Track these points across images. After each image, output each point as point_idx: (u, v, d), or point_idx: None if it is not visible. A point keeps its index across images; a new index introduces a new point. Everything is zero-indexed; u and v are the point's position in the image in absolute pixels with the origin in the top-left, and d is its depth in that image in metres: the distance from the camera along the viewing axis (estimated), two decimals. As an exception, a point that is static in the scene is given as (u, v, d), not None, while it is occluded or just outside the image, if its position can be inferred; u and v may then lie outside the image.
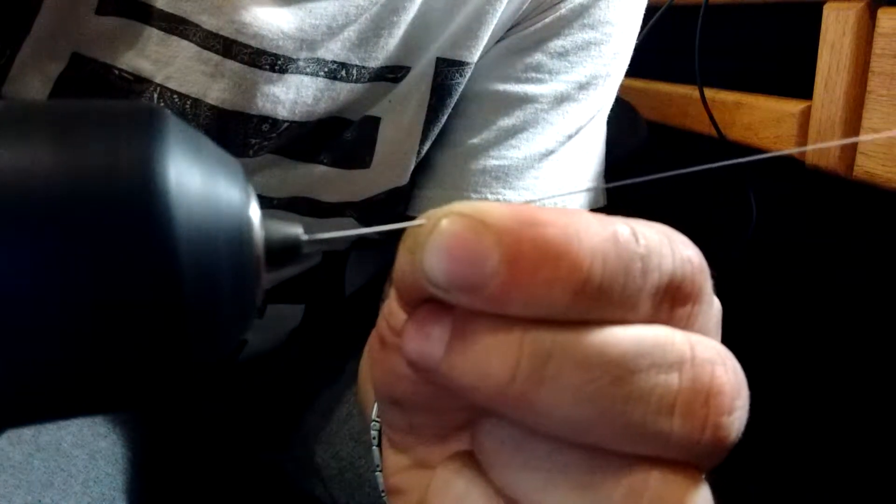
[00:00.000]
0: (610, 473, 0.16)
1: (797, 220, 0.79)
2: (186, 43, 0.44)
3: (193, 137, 0.16)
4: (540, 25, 0.50)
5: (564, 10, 0.50)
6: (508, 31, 0.51)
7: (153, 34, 0.44)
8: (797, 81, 0.61)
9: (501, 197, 0.51)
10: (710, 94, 0.69)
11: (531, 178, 0.51)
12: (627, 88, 0.60)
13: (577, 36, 0.51)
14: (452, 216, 0.16)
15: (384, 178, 0.52)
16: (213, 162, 0.16)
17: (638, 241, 0.16)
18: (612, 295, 0.15)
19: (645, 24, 0.56)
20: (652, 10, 0.62)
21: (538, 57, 0.51)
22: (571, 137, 0.52)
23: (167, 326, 0.15)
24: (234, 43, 0.44)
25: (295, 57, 0.45)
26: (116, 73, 0.44)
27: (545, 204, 0.41)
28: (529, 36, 0.51)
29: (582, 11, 0.51)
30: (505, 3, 0.49)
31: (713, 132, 0.69)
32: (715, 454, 0.16)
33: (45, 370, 0.15)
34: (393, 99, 0.50)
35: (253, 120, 0.46)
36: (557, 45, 0.51)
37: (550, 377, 0.15)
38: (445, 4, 0.48)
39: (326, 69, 0.47)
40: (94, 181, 0.14)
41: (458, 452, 0.19)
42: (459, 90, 0.51)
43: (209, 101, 0.45)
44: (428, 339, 0.17)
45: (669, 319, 0.16)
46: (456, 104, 0.51)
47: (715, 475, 0.17)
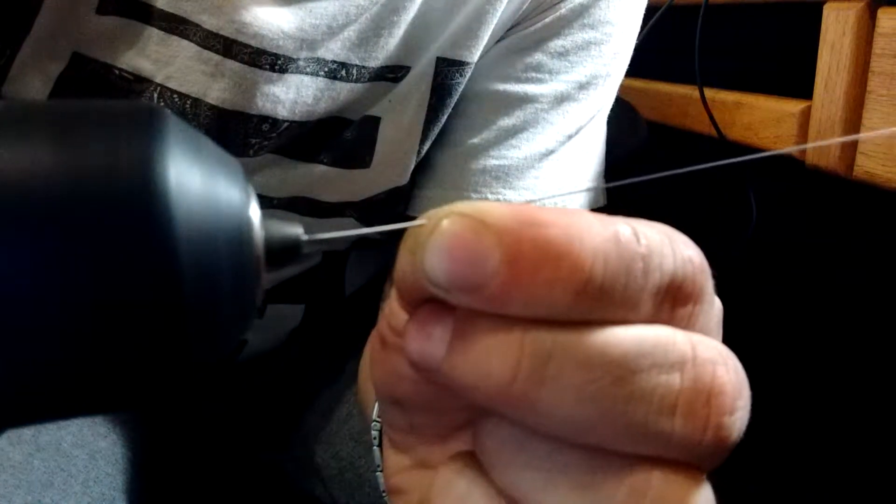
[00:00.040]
0: (612, 473, 0.16)
1: (797, 219, 0.79)
2: (187, 43, 0.44)
3: (193, 137, 0.16)
4: (540, 25, 0.50)
5: (564, 9, 0.50)
6: (508, 30, 0.51)
7: (153, 34, 0.44)
8: (797, 81, 0.61)
9: (502, 197, 0.51)
10: (710, 94, 0.69)
11: (531, 177, 0.51)
12: (627, 88, 0.60)
13: (577, 36, 0.51)
14: (453, 216, 0.16)
15: (384, 177, 0.52)
16: (213, 162, 0.16)
17: (639, 241, 0.16)
18: (613, 295, 0.15)
19: (645, 24, 0.56)
20: (652, 10, 0.62)
21: (538, 57, 0.51)
22: (572, 137, 0.52)
23: (167, 326, 0.15)
24: (234, 43, 0.44)
25: (295, 57, 0.45)
26: (117, 72, 0.44)
27: (546, 204, 0.41)
28: (529, 36, 0.51)
29: (582, 11, 0.51)
30: (505, 2, 0.49)
31: (713, 132, 0.69)
32: (717, 454, 0.16)
33: (45, 370, 0.15)
34: (393, 99, 0.50)
35: (253, 120, 0.46)
36: (557, 44, 0.51)
37: (552, 377, 0.15)
38: (445, 4, 0.48)
39: (326, 69, 0.47)
40: (94, 181, 0.14)
41: (459, 453, 0.19)
42: (459, 90, 0.51)
43: (209, 100, 0.45)
44: (429, 339, 0.17)
45: (671, 319, 0.16)
46: (456, 104, 0.51)
47: (715, 475, 0.17)
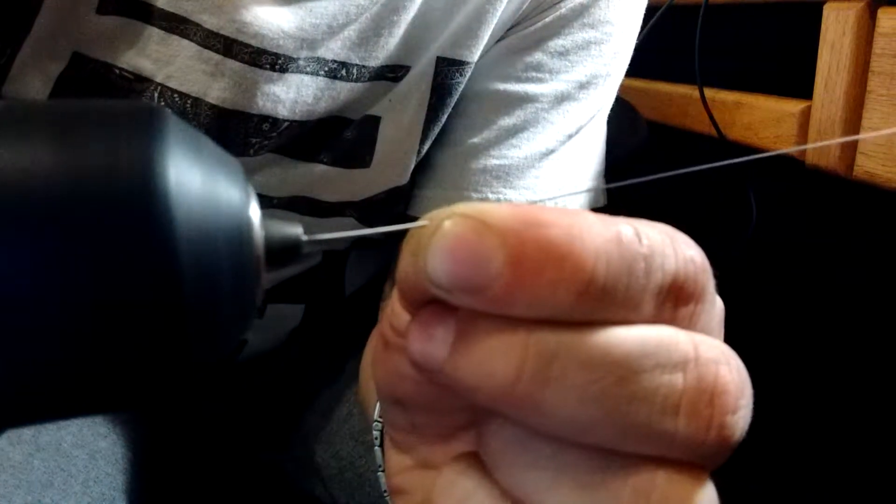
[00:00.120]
0: (616, 473, 0.16)
1: (797, 220, 0.79)
2: (187, 42, 0.44)
3: (193, 137, 0.16)
4: (540, 25, 0.50)
5: (564, 9, 0.50)
6: (509, 30, 0.51)
7: (154, 33, 0.44)
8: (797, 81, 0.61)
9: (502, 196, 0.51)
10: (710, 94, 0.69)
11: (532, 177, 0.51)
12: (627, 88, 0.60)
13: (577, 35, 0.51)
14: (455, 217, 0.16)
15: (384, 177, 0.52)
16: (213, 162, 0.16)
17: (641, 241, 0.16)
18: (615, 295, 0.15)
19: (645, 24, 0.56)
20: (652, 10, 0.62)
21: (538, 56, 0.51)
22: (572, 137, 0.52)
23: (167, 326, 0.15)
24: (234, 42, 0.44)
25: (295, 56, 0.45)
26: (117, 72, 0.44)
27: (547, 204, 0.41)
28: (530, 35, 0.51)
29: (582, 11, 0.51)
30: (505, 2, 0.49)
31: (713, 132, 0.69)
32: (720, 453, 0.16)
33: (45, 370, 0.15)
34: (393, 98, 0.50)
35: (253, 119, 0.46)
36: (558, 44, 0.51)
37: (555, 378, 0.15)
38: (446, 4, 0.48)
39: (327, 68, 0.47)
40: (94, 181, 0.14)
41: (463, 453, 0.19)
42: (460, 90, 0.50)
43: (209, 100, 0.45)
44: (432, 340, 0.17)
45: (672, 319, 0.16)
46: (456, 103, 0.51)
47: (716, 474, 0.17)
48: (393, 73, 0.49)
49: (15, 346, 0.14)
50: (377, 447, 0.27)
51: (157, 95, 0.45)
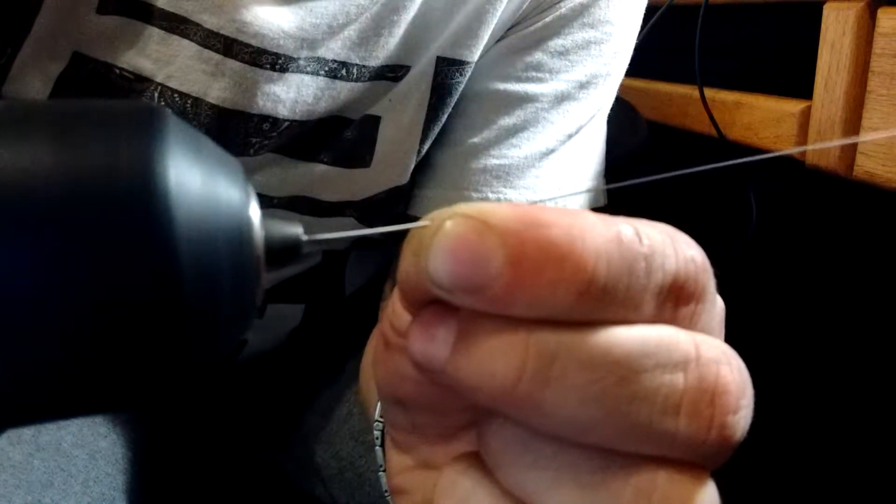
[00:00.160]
0: (617, 473, 0.16)
1: (797, 220, 0.79)
2: (187, 42, 0.44)
3: (193, 137, 0.16)
4: (540, 24, 0.50)
5: (564, 9, 0.50)
6: (509, 30, 0.51)
7: (154, 33, 0.44)
8: (797, 81, 0.61)
9: (502, 196, 0.51)
10: (710, 94, 0.69)
11: (532, 177, 0.51)
12: (627, 88, 0.60)
13: (577, 35, 0.51)
14: (456, 218, 0.16)
15: (384, 177, 0.52)
16: (213, 162, 0.16)
17: (641, 241, 0.16)
18: (616, 295, 0.15)
19: (645, 23, 0.56)
20: (652, 9, 0.62)
21: (538, 56, 0.51)
22: (572, 136, 0.52)
23: (167, 326, 0.15)
24: (234, 42, 0.44)
25: (295, 56, 0.45)
26: (117, 72, 0.44)
27: (548, 204, 0.41)
28: (529, 35, 0.51)
29: (582, 11, 0.51)
30: (505, 2, 0.49)
31: (713, 132, 0.69)
32: (721, 453, 0.16)
33: (45, 370, 0.15)
34: (393, 98, 0.50)
35: (253, 119, 0.46)
36: (557, 44, 0.51)
37: (556, 378, 0.15)
38: (446, 4, 0.48)
39: (327, 68, 0.47)
40: (94, 181, 0.14)
41: (464, 453, 0.19)
42: (460, 89, 0.50)
43: (210, 100, 0.45)
44: (433, 340, 0.17)
45: (673, 319, 0.16)
46: (456, 103, 0.51)
47: (717, 474, 0.17)
48: (393, 72, 0.49)
49: (15, 346, 0.14)
50: (378, 447, 0.27)
51: (157, 95, 0.45)
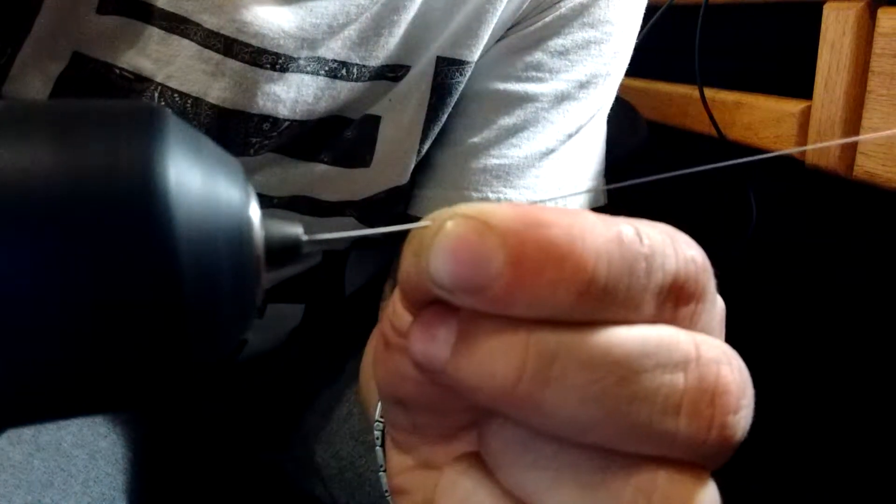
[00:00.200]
0: (618, 473, 0.16)
1: (797, 220, 0.79)
2: (187, 42, 0.44)
3: (193, 137, 0.16)
4: (540, 24, 0.50)
5: (564, 9, 0.50)
6: (509, 30, 0.51)
7: (154, 33, 0.44)
8: (797, 81, 0.61)
9: (502, 196, 0.51)
10: (710, 93, 0.69)
11: (532, 176, 0.51)
12: (627, 88, 0.60)
13: (577, 35, 0.51)
14: (457, 218, 0.16)
15: (384, 177, 0.52)
16: (213, 162, 0.16)
17: (642, 241, 0.16)
18: (616, 295, 0.15)
19: (645, 23, 0.56)
20: (652, 9, 0.62)
21: (538, 56, 0.51)
22: (572, 136, 0.52)
23: (167, 326, 0.15)
24: (234, 42, 0.44)
25: (296, 56, 0.45)
26: (117, 72, 0.44)
27: (548, 204, 0.41)
28: (530, 35, 0.51)
29: (582, 10, 0.51)
30: (505, 2, 0.49)
31: (713, 132, 0.69)
32: (721, 453, 0.16)
33: (45, 370, 0.15)
34: (393, 98, 0.50)
35: (254, 119, 0.46)
36: (557, 43, 0.51)
37: (556, 378, 0.15)
38: (446, 4, 0.48)
39: (327, 68, 0.47)
40: (94, 181, 0.14)
41: (464, 453, 0.19)
42: (460, 89, 0.50)
43: (210, 100, 0.45)
44: (434, 340, 0.17)
45: (673, 319, 0.16)
46: (456, 103, 0.51)
47: (717, 474, 0.17)
48: (393, 72, 0.49)
49: (15, 346, 0.14)
50: (378, 447, 0.27)
51: (157, 95, 0.45)
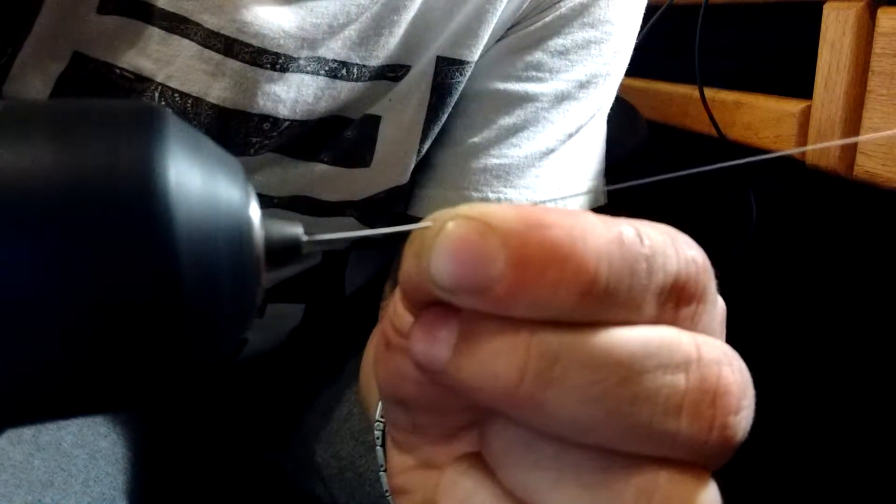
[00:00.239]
0: (619, 474, 0.16)
1: (797, 220, 0.79)
2: (188, 42, 0.44)
3: (194, 137, 0.16)
4: (540, 24, 0.50)
5: (564, 8, 0.50)
6: (509, 30, 0.51)
7: (154, 33, 0.44)
8: (797, 81, 0.61)
9: (502, 196, 0.51)
10: (710, 93, 0.69)
11: (532, 176, 0.51)
12: (627, 88, 0.60)
13: (577, 35, 0.51)
14: (458, 219, 0.16)
15: (384, 176, 0.52)
16: (213, 162, 0.16)
17: (643, 242, 0.16)
18: (617, 296, 0.15)
19: (645, 23, 0.56)
20: (652, 9, 0.62)
21: (538, 56, 0.51)
22: (572, 136, 0.52)
23: (167, 326, 0.15)
24: (235, 42, 0.44)
25: (296, 56, 0.45)
26: (118, 72, 0.44)
27: (549, 205, 0.41)
28: (530, 35, 0.51)
29: (582, 10, 0.51)
30: (505, 2, 0.49)
31: (713, 132, 0.69)
32: (722, 454, 0.16)
33: (45, 370, 0.15)
34: (393, 98, 0.50)
35: (254, 119, 0.46)
36: (558, 43, 0.51)
37: (558, 378, 0.15)
38: (446, 3, 0.48)
39: (327, 68, 0.47)
40: (94, 181, 0.14)
41: (465, 453, 0.19)
42: (460, 89, 0.50)
43: (210, 100, 0.45)
44: (435, 341, 0.17)
45: (674, 319, 0.16)
46: (456, 103, 0.51)
47: (718, 475, 0.17)
48: (393, 72, 0.49)
49: (15, 346, 0.14)
50: (379, 447, 0.27)
51: (157, 95, 0.44)
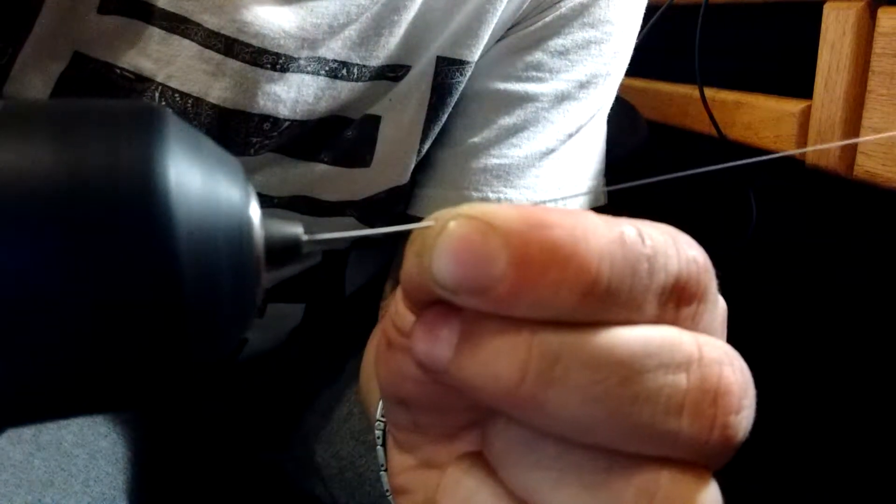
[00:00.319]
0: (620, 474, 0.16)
1: (797, 220, 0.79)
2: (188, 42, 0.44)
3: (194, 137, 0.16)
4: (540, 24, 0.50)
5: (564, 8, 0.50)
6: (509, 30, 0.51)
7: (155, 33, 0.44)
8: (797, 81, 0.61)
9: (503, 196, 0.51)
10: (710, 93, 0.69)
11: (532, 176, 0.51)
12: (627, 88, 0.60)
13: (577, 35, 0.51)
14: (460, 219, 0.16)
15: (384, 176, 0.52)
16: (213, 161, 0.16)
17: (644, 241, 0.16)
18: (619, 296, 0.15)
19: (645, 23, 0.56)
20: (652, 9, 0.62)
21: (538, 56, 0.51)
22: (572, 136, 0.52)
23: (167, 326, 0.15)
24: (235, 42, 0.44)
25: (296, 56, 0.45)
26: (118, 72, 0.44)
27: (549, 205, 0.41)
28: (530, 35, 0.51)
29: (582, 10, 0.51)
30: (505, 2, 0.49)
31: (713, 132, 0.69)
32: (723, 454, 0.16)
33: (45, 370, 0.15)
34: (393, 98, 0.50)
35: (254, 119, 0.46)
36: (558, 43, 0.51)
37: (559, 378, 0.15)
38: (446, 3, 0.48)
39: (327, 68, 0.47)
40: (94, 181, 0.14)
41: (467, 453, 0.19)
42: (460, 89, 0.50)
43: (210, 100, 0.45)
44: (436, 341, 0.17)
45: (675, 319, 0.16)
46: (456, 103, 0.51)
47: (719, 474, 0.17)
48: (393, 72, 0.49)
49: (15, 345, 0.14)
50: (380, 447, 0.27)
51: (157, 95, 0.44)
